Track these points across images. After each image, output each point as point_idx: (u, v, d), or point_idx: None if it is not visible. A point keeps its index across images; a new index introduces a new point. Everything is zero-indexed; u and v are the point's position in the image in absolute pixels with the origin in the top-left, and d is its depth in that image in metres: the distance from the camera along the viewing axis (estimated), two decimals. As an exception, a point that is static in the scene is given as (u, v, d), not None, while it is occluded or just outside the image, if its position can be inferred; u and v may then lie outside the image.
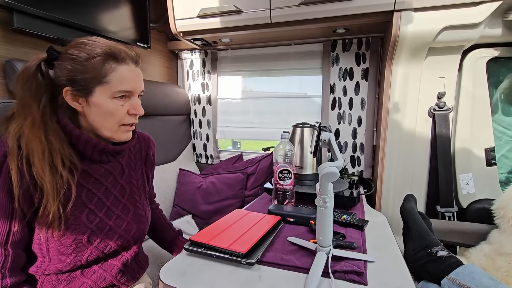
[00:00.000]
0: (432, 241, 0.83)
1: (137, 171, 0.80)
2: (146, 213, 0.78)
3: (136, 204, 0.75)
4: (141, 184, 0.80)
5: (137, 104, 0.68)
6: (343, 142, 1.42)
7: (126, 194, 0.74)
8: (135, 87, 0.66)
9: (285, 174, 0.96)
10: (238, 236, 0.68)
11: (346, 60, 1.38)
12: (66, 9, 1.02)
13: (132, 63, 0.66)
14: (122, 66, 0.64)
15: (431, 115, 1.15)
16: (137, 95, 0.69)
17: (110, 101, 0.63)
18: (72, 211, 0.62)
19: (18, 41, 0.96)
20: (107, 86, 0.62)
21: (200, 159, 1.79)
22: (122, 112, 0.65)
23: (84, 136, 0.64)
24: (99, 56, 0.61)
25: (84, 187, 0.66)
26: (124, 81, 0.64)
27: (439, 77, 1.12)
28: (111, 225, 0.68)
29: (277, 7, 1.16)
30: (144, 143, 0.85)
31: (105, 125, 0.65)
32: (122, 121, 0.66)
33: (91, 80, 0.61)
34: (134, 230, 0.73)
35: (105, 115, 0.64)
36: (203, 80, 1.69)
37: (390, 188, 1.17)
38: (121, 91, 0.64)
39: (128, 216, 0.72)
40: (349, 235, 0.78)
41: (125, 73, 0.64)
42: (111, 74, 0.62)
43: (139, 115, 0.69)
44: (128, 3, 1.29)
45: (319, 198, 0.61)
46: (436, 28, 1.00)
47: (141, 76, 0.69)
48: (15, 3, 0.87)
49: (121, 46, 0.66)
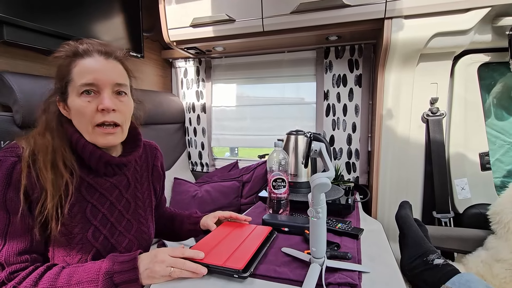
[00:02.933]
0: (428, 248, 0.82)
1: (143, 183, 0.77)
2: (149, 229, 0.75)
3: (139, 220, 0.73)
4: (147, 197, 0.78)
5: (104, 97, 0.60)
6: (338, 148, 1.42)
7: (131, 209, 0.72)
8: (98, 78, 0.60)
9: (279, 183, 0.95)
10: (232, 251, 0.66)
11: (339, 67, 1.38)
12: (57, 20, 1.01)
13: (99, 55, 0.62)
14: (84, 60, 0.60)
15: (425, 121, 1.15)
16: (109, 89, 0.61)
17: (77, 99, 0.60)
18: (78, 230, 0.61)
19: (8, 53, 0.96)
20: (73, 84, 0.60)
21: (195, 167, 1.78)
22: (90, 109, 0.59)
23: (89, 147, 0.62)
24: (65, 58, 0.61)
25: (88, 203, 0.64)
26: (84, 74, 0.59)
27: (431, 83, 1.13)
28: (113, 242, 0.66)
29: (269, 15, 1.17)
30: (151, 153, 0.83)
31: (81, 128, 0.62)
32: (93, 120, 0.60)
33: (62, 82, 0.61)
34: (135, 248, 0.70)
35: (76, 115, 0.61)
36: (198, 88, 1.69)
37: (386, 194, 1.16)
38: (83, 85, 0.59)
39: (130, 233, 0.70)
40: (344, 244, 0.77)
41: (86, 65, 0.60)
42: (73, 70, 0.60)
43: (106, 109, 0.60)
44: (120, 13, 1.29)
45: (311, 209, 0.60)
46: (427, 35, 1.00)
47: (110, 68, 0.63)
48: (4, 16, 0.86)
49: (91, 41, 0.64)
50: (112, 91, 0.62)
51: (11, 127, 0.82)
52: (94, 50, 0.62)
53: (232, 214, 0.85)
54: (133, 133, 0.74)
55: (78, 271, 0.56)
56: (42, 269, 0.55)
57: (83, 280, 0.54)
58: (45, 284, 0.53)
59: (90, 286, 0.54)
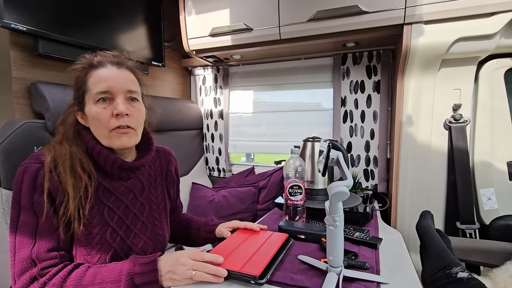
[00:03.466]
0: (451, 261, 0.79)
1: (157, 187, 0.81)
2: (163, 232, 0.78)
3: (154, 222, 0.76)
4: (161, 200, 0.81)
5: (118, 102, 0.65)
6: (355, 155, 1.40)
7: (145, 212, 0.75)
8: (111, 85, 0.65)
9: (296, 190, 0.95)
10: (249, 257, 0.67)
11: (357, 73, 1.37)
12: (86, 33, 1.08)
13: (112, 66, 0.67)
14: (98, 70, 0.66)
15: (447, 128, 1.11)
16: (122, 96, 0.66)
17: (94, 107, 0.65)
18: (97, 230, 0.65)
19: (42, 64, 1.03)
20: (89, 93, 0.65)
21: (212, 172, 1.81)
22: (106, 115, 0.64)
23: (104, 152, 0.67)
24: (81, 70, 0.67)
25: (105, 205, 0.68)
26: (99, 83, 0.65)
27: (454, 89, 1.09)
28: (129, 243, 0.69)
29: (286, 24, 1.18)
30: (165, 158, 0.86)
31: (99, 133, 0.67)
32: (109, 125, 0.65)
33: (79, 92, 0.67)
34: (150, 249, 0.73)
35: (94, 121, 0.66)
36: (215, 95, 1.72)
37: (406, 203, 1.13)
38: (99, 93, 0.64)
39: (145, 235, 0.73)
40: (362, 254, 0.75)
41: (100, 75, 0.65)
42: (89, 80, 0.66)
43: (120, 113, 0.64)
44: (143, 24, 1.35)
45: (328, 217, 0.60)
46: (449, 40, 0.98)
47: (122, 76, 0.67)
48: (40, 31, 0.93)
49: (104, 53, 0.69)
50: (125, 98, 0.67)
51: (43, 134, 0.88)
52: (107, 61, 0.67)
53: (247, 225, 0.85)
54: (145, 138, 0.78)
55: (101, 271, 0.58)
56: (70, 268, 0.59)
57: (106, 280, 0.56)
58: (72, 281, 0.56)
59: (112, 286, 0.56)
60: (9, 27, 0.86)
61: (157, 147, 0.86)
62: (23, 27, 0.89)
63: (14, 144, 0.79)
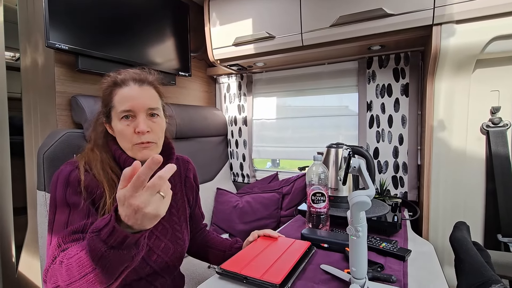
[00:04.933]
0: (490, 277, 0.72)
1: (176, 193, 0.84)
2: (183, 235, 0.81)
3: (174, 226, 0.80)
4: (181, 205, 0.84)
5: (139, 121, 0.69)
6: (383, 161, 1.34)
7: (166, 216, 0.78)
8: (134, 105, 0.69)
9: (319, 197, 0.94)
10: (270, 264, 0.67)
11: (384, 77, 1.33)
12: (119, 49, 1.17)
13: (134, 84, 0.72)
14: (122, 89, 0.71)
15: (485, 132, 1.03)
16: (143, 113, 0.70)
17: (119, 123, 0.70)
18: None
19: (81, 79, 1.12)
20: (115, 110, 0.71)
21: (236, 178, 1.83)
22: (129, 131, 0.69)
23: (128, 161, 0.72)
24: (106, 88, 0.73)
25: None
26: (122, 102, 0.69)
27: (491, 91, 1.02)
28: (150, 245, 0.73)
29: (308, 30, 1.18)
30: (183, 166, 0.90)
31: (124, 146, 0.72)
32: (132, 141, 0.70)
33: (106, 108, 0.72)
34: (171, 252, 0.76)
35: (119, 136, 0.71)
36: (239, 102, 1.76)
37: (439, 213, 1.06)
38: (123, 111, 0.69)
39: (166, 237, 0.76)
40: (389, 265, 0.72)
41: (124, 94, 0.70)
42: (114, 98, 0.71)
43: (141, 131, 0.68)
44: (171, 37, 1.43)
45: (350, 227, 0.59)
46: (484, 40, 0.92)
47: (144, 94, 0.71)
48: (80, 48, 1.02)
49: (127, 71, 0.74)
50: (146, 115, 0.72)
51: (82, 142, 0.95)
52: (129, 79, 0.72)
53: (265, 232, 0.88)
54: (167, 147, 0.82)
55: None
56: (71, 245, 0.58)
57: (83, 248, 0.52)
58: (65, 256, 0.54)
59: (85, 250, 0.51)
60: (53, 47, 0.96)
61: (177, 156, 0.90)
62: (66, 46, 0.98)
63: (56, 152, 0.87)
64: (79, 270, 0.49)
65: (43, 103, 1.13)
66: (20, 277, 1.29)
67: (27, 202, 1.25)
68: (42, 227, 0.88)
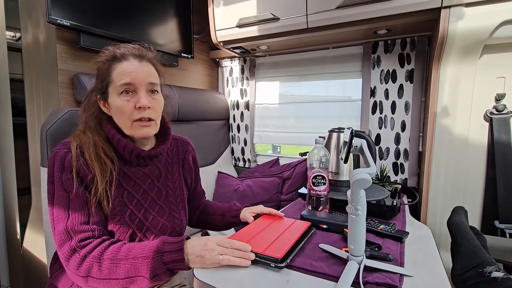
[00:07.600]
0: (485, 259, 0.74)
1: (173, 174, 0.85)
2: (180, 215, 0.82)
3: (171, 207, 0.80)
4: (178, 186, 0.85)
5: (141, 96, 0.69)
6: (384, 148, 1.34)
7: (162, 196, 0.79)
8: (134, 78, 0.68)
9: (319, 180, 0.95)
10: (271, 241, 0.69)
11: (389, 62, 1.31)
12: (122, 27, 1.15)
13: (134, 59, 0.70)
14: (122, 63, 0.69)
15: (488, 119, 1.03)
16: (144, 89, 0.70)
17: (118, 98, 0.69)
18: (117, 211, 0.70)
19: (83, 57, 1.11)
20: (113, 85, 0.69)
21: (238, 162, 1.84)
22: (129, 107, 0.68)
23: (122, 141, 0.72)
24: (104, 62, 0.70)
25: (125, 189, 0.73)
26: (122, 75, 0.68)
27: (497, 77, 1.01)
28: (148, 225, 0.73)
29: (314, 12, 1.16)
30: (182, 147, 0.90)
31: (122, 123, 0.71)
32: (132, 117, 0.69)
33: (103, 83, 0.70)
34: (169, 231, 0.77)
35: (117, 112, 0.70)
36: (242, 86, 1.74)
37: (438, 198, 1.07)
38: (122, 85, 0.68)
39: (163, 217, 0.77)
40: (386, 246, 0.74)
41: (124, 68, 0.68)
42: (113, 72, 0.69)
43: (143, 107, 0.68)
44: (174, 18, 1.40)
45: (350, 206, 0.60)
46: (493, 24, 0.90)
47: (144, 69, 0.70)
48: (81, 25, 1.01)
49: (126, 46, 0.72)
50: (146, 90, 0.71)
51: (84, 121, 0.96)
52: (129, 54, 0.71)
53: (271, 211, 0.88)
54: (164, 127, 0.82)
55: (135, 247, 0.63)
56: (108, 243, 0.64)
57: (138, 256, 0.61)
58: (109, 255, 0.62)
59: (143, 261, 0.61)
60: (55, 22, 0.94)
61: (176, 136, 0.90)
62: (67, 22, 0.97)
63: (59, 130, 0.88)
64: (126, 272, 0.60)
65: (45, 81, 1.12)
66: (25, 253, 1.32)
67: (31, 180, 1.27)
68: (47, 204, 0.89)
